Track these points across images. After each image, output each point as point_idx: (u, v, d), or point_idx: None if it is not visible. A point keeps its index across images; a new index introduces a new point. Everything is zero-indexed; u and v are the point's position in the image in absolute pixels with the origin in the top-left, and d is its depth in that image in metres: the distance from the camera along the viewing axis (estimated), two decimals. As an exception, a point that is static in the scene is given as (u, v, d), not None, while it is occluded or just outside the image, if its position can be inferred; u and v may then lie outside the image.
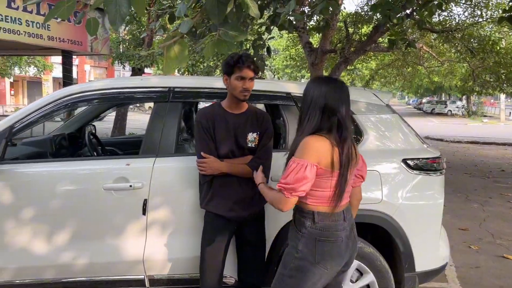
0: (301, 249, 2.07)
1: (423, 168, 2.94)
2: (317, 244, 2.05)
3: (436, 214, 2.97)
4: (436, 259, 3.00)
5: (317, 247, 2.05)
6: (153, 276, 2.85)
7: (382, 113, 3.10)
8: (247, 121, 2.66)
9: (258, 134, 2.65)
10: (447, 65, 16.96)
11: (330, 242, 2.06)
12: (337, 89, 2.12)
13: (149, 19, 12.29)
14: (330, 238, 2.06)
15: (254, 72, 2.56)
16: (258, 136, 2.65)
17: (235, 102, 2.64)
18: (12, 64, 22.86)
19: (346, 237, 2.11)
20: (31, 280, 2.83)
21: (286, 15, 4.80)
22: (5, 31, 9.23)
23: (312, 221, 2.06)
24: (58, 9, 2.41)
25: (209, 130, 2.61)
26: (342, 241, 2.08)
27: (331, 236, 2.06)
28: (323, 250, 2.05)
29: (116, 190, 2.78)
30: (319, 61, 9.46)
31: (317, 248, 2.04)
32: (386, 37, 9.32)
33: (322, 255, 2.05)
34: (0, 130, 2.83)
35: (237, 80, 2.55)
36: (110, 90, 3.05)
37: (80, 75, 36.30)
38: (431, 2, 5.94)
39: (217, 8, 2.82)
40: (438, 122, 30.99)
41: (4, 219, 2.77)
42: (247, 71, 2.54)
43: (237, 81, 2.55)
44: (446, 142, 17.14)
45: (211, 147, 2.60)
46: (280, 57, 23.77)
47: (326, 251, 2.05)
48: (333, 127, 2.05)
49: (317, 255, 2.04)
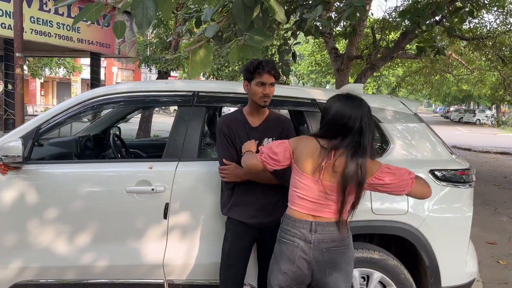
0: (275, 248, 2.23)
1: (451, 179, 2.85)
2: (277, 243, 2.20)
3: (464, 227, 2.86)
4: (463, 275, 2.89)
5: (276, 246, 2.20)
6: (172, 281, 2.83)
7: (409, 121, 3.02)
8: (266, 129, 2.63)
9: (273, 139, 2.58)
10: (477, 73, 16.60)
11: (285, 244, 2.13)
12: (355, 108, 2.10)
13: (176, 23, 12.43)
14: (283, 239, 2.15)
15: (275, 77, 2.53)
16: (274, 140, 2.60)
17: (256, 108, 2.61)
18: (43, 65, 23.43)
19: (309, 249, 2.07)
20: (53, 280, 2.85)
21: (313, 21, 4.76)
22: (37, 33, 9.49)
23: (282, 221, 2.20)
24: (86, 11, 2.45)
25: (230, 137, 2.59)
26: (298, 248, 2.08)
27: (285, 237, 2.14)
28: (280, 250, 2.15)
29: (138, 193, 2.78)
30: (345, 67, 9.38)
31: (276, 246, 2.20)
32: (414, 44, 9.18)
33: (280, 254, 2.15)
34: (28, 131, 2.88)
35: (257, 86, 2.52)
36: (135, 93, 3.07)
37: (107, 76, 36.99)
38: (462, 9, 5.81)
39: (244, 13, 2.81)
40: (466, 131, 30.30)
41: (28, 219, 2.80)
42: (267, 77, 2.50)
43: (257, 86, 2.52)
44: (474, 152, 16.72)
45: (233, 153, 2.58)
46: (305, 63, 23.68)
47: (280, 252, 2.14)
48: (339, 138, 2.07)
49: (276, 253, 2.19)
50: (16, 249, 2.82)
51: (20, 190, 2.79)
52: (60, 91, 37.24)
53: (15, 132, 2.90)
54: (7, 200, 2.78)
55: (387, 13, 11.80)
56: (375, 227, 2.82)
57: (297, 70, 20.68)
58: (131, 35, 11.94)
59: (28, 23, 9.08)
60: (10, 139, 2.79)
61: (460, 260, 2.89)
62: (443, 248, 2.80)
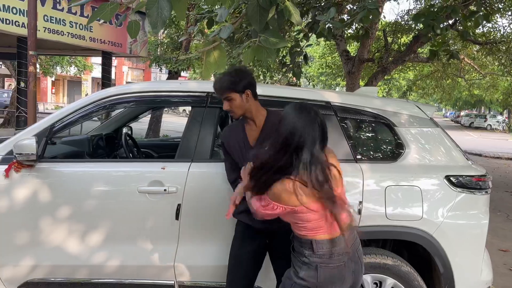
0: (302, 276, 2.03)
1: (467, 186, 2.80)
2: (319, 271, 2.01)
3: (479, 235, 2.82)
4: (478, 283, 2.85)
5: (318, 273, 2.01)
6: (183, 283, 2.82)
7: (425, 126, 2.99)
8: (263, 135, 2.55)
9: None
10: (489, 78, 16.46)
11: (332, 268, 2.02)
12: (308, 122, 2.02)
13: (188, 23, 12.45)
14: (331, 264, 2.02)
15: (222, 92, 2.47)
16: None
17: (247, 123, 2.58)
18: (54, 64, 23.60)
19: (349, 259, 2.06)
20: (63, 279, 2.85)
21: (325, 23, 4.73)
22: (50, 32, 9.55)
23: (311, 250, 2.02)
24: (101, 11, 2.45)
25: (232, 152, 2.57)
26: (345, 265, 2.04)
27: (332, 262, 2.02)
28: (325, 277, 2.01)
29: (151, 193, 2.77)
30: (356, 69, 9.33)
31: (319, 274, 2.01)
32: (426, 48, 9.12)
33: (324, 281, 2.01)
34: (41, 129, 2.89)
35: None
36: (148, 93, 3.06)
37: (118, 75, 37.21)
38: (476, 13, 5.76)
39: (259, 14, 2.80)
40: (476, 136, 30.02)
41: (40, 217, 2.81)
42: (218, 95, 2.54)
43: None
44: (485, 158, 16.55)
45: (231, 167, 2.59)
46: (316, 65, 23.61)
47: (328, 277, 2.02)
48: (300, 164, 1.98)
49: (318, 281, 2.01)
50: (27, 247, 2.82)
51: (32, 188, 2.79)
52: (71, 89, 37.53)
53: (29, 130, 2.92)
54: (19, 197, 2.79)
55: (400, 16, 11.73)
56: (389, 233, 2.79)
57: (307, 72, 20.62)
58: (142, 34, 11.97)
59: (42, 22, 9.13)
60: (24, 137, 2.80)
61: (475, 268, 2.84)
62: (458, 255, 2.75)
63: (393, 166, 2.86)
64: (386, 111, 2.97)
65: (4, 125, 17.57)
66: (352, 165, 2.79)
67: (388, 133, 2.97)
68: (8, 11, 8.67)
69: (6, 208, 2.79)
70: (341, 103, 2.97)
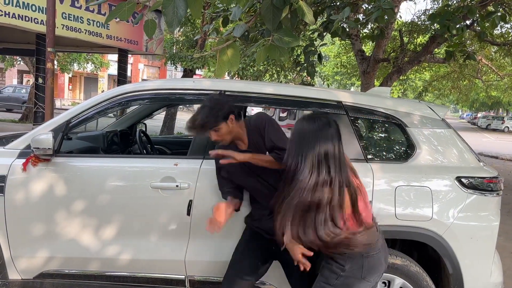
0: (348, 268, 2.10)
1: (478, 187, 2.79)
2: (364, 261, 2.10)
3: (490, 237, 2.81)
4: (487, 285, 2.83)
5: (364, 263, 2.10)
6: (193, 277, 2.87)
7: (437, 127, 2.98)
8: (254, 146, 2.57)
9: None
10: (507, 80, 16.20)
11: (374, 256, 2.12)
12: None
13: (203, 22, 12.52)
14: (373, 252, 2.11)
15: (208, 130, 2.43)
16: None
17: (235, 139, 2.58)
18: (71, 60, 23.90)
19: (381, 246, 2.18)
20: (77, 271, 2.92)
21: (340, 22, 4.74)
22: (67, 29, 9.70)
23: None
24: (119, 10, 2.50)
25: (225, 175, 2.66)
26: (380, 252, 2.15)
27: (373, 250, 2.11)
28: (369, 265, 2.11)
29: (163, 189, 2.82)
30: (371, 69, 9.29)
31: (364, 264, 2.10)
32: (443, 48, 9.04)
33: (369, 270, 2.11)
34: (58, 124, 2.96)
35: None
36: (163, 90, 3.11)
37: (133, 73, 37.53)
38: (494, 14, 5.69)
39: (272, 13, 2.82)
40: (493, 138, 29.56)
41: (55, 210, 2.87)
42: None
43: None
44: (502, 160, 16.30)
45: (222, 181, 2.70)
46: (331, 64, 23.53)
47: (372, 265, 2.11)
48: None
49: (364, 271, 2.10)
50: (43, 239, 2.90)
51: (49, 181, 2.86)
52: (87, 86, 37.99)
53: (46, 125, 2.99)
54: (36, 191, 2.86)
55: (416, 16, 11.64)
56: (398, 233, 2.79)
57: (322, 71, 20.55)
58: (158, 32, 12.08)
59: (60, 19, 9.28)
60: (41, 131, 2.87)
61: (485, 270, 2.83)
62: (467, 256, 2.75)
63: (404, 166, 2.86)
64: (398, 111, 2.98)
65: (22, 120, 17.89)
66: (363, 165, 2.80)
67: (400, 133, 2.97)
68: (27, 8, 8.83)
69: (23, 201, 2.87)
70: (353, 103, 2.98)
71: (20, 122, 17.60)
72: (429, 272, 2.84)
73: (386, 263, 2.21)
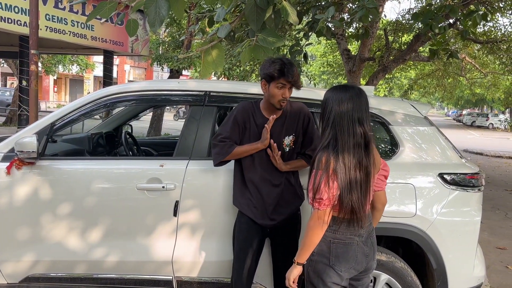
0: (317, 251, 2.10)
1: (460, 183, 2.85)
2: (332, 246, 2.09)
3: (472, 231, 2.86)
4: (470, 279, 2.89)
5: (331, 248, 2.09)
6: (181, 278, 2.87)
7: (420, 125, 3.03)
8: (283, 125, 2.62)
9: (293, 136, 2.62)
10: (491, 77, 16.45)
11: (344, 245, 2.08)
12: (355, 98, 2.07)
13: (189, 22, 12.50)
14: (344, 241, 2.09)
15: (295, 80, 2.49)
16: (294, 137, 2.63)
17: (272, 109, 2.60)
18: (56, 62, 23.66)
19: (362, 242, 2.12)
20: (64, 274, 2.91)
21: (325, 22, 4.77)
22: (51, 30, 9.60)
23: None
24: (100, 9, 2.50)
25: (240, 127, 2.60)
26: (357, 245, 2.10)
27: (344, 239, 2.09)
28: (337, 252, 2.08)
29: (149, 190, 2.82)
30: (357, 68, 9.36)
31: (332, 249, 2.09)
32: (427, 47, 9.14)
33: (337, 257, 2.08)
34: (42, 127, 2.94)
35: (277, 89, 2.48)
36: (148, 92, 3.11)
37: (120, 74, 37.26)
38: (475, 12, 5.78)
39: (256, 14, 2.84)
40: (478, 135, 29.98)
41: (41, 213, 2.86)
42: (289, 80, 2.47)
43: (277, 89, 2.48)
44: (486, 157, 16.55)
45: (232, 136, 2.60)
46: (317, 63, 23.64)
47: (340, 253, 2.08)
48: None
49: (331, 257, 2.08)
50: (29, 242, 2.88)
51: (34, 185, 2.84)
52: (73, 88, 37.62)
53: (30, 128, 2.97)
54: (21, 194, 2.84)
55: (401, 15, 11.75)
56: (383, 229, 2.82)
57: (309, 71, 20.64)
58: (144, 33, 12.02)
59: (43, 21, 9.18)
60: (25, 134, 2.85)
61: (468, 264, 2.88)
62: (451, 251, 2.80)
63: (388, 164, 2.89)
64: (381, 110, 3.02)
65: (6, 123, 17.68)
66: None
67: (383, 131, 3.01)
68: (10, 10, 8.72)
69: (7, 205, 2.84)
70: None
71: (4, 125, 17.38)
72: (414, 268, 2.88)
73: (367, 261, 2.15)
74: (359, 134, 2.01)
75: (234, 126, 2.59)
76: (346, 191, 1.98)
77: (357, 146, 2.01)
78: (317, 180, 1.98)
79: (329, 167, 1.97)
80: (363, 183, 2.02)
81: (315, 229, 2.03)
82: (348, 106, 2.02)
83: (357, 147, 2.01)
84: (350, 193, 1.99)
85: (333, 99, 2.06)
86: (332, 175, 1.97)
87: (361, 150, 2.01)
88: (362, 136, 2.02)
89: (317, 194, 1.98)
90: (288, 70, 2.44)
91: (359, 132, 2.01)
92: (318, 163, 2.00)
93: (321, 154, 2.01)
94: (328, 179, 1.96)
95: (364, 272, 2.18)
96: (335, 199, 2.00)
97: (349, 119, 2.00)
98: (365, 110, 2.06)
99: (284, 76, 2.44)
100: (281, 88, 2.48)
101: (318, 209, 2.00)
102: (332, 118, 2.03)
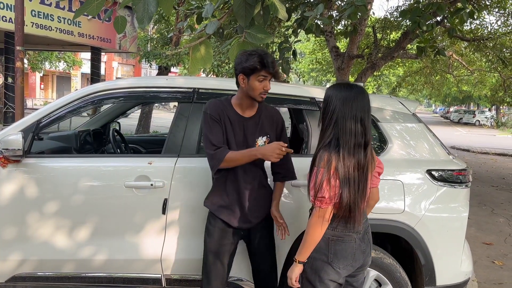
0: (314, 248, 2.10)
1: (448, 180, 2.87)
2: (330, 243, 2.10)
3: (459, 227, 2.88)
4: (458, 274, 2.92)
5: (330, 245, 2.10)
6: (170, 276, 2.86)
7: (408, 122, 3.04)
8: (258, 125, 2.53)
9: (268, 137, 2.54)
10: (477, 74, 16.60)
11: (343, 242, 2.09)
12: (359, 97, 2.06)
13: (177, 19, 12.42)
14: (342, 238, 2.10)
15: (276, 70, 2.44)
16: (268, 139, 2.54)
17: (249, 103, 2.50)
18: (43, 59, 23.40)
19: (359, 239, 2.14)
20: (51, 273, 2.87)
21: (314, 19, 4.77)
22: (37, 27, 9.48)
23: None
24: (87, 5, 2.46)
25: (220, 123, 2.45)
26: (355, 242, 2.11)
27: (343, 236, 2.09)
28: (336, 250, 2.09)
29: (137, 188, 2.80)
30: (345, 66, 9.39)
31: (330, 246, 2.10)
32: (415, 44, 9.19)
33: (336, 255, 2.09)
34: (28, 125, 2.90)
35: (258, 82, 2.39)
36: (136, 88, 3.08)
37: (107, 71, 36.98)
38: (462, 10, 5.82)
39: (244, 10, 2.83)
40: (465, 132, 30.32)
41: (27, 212, 2.82)
42: (269, 72, 2.41)
43: (258, 82, 2.39)
44: (473, 153, 16.75)
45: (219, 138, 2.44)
46: (306, 60, 23.68)
47: (339, 251, 2.09)
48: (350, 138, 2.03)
49: (330, 254, 2.09)
50: (15, 242, 2.84)
51: (19, 183, 2.80)
52: (60, 85, 37.24)
53: (16, 126, 2.92)
54: (6, 193, 2.80)
55: (389, 12, 11.81)
56: (371, 226, 2.83)
57: (298, 68, 20.68)
58: (132, 30, 11.94)
59: (29, 17, 9.06)
60: (11, 132, 2.80)
61: (455, 260, 2.91)
62: (438, 247, 2.82)
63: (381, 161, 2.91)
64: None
65: (-8, 121, 17.42)
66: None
67: (372, 128, 3.01)
68: (-5, 5, 8.59)
69: (-7, 203, 2.80)
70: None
71: (-10, 123, 17.13)
72: (402, 264, 2.90)
73: (364, 258, 2.16)
74: (360, 134, 2.01)
75: (215, 124, 2.45)
76: (345, 189, 1.99)
77: (357, 146, 2.01)
78: (319, 178, 1.98)
79: (331, 166, 1.97)
80: (361, 182, 2.03)
81: (316, 227, 2.04)
82: (352, 105, 2.01)
83: (357, 147, 2.01)
84: (348, 191, 1.99)
85: (337, 98, 2.04)
86: (334, 174, 1.97)
87: (360, 150, 2.02)
88: (362, 136, 2.02)
89: (319, 192, 1.98)
90: (268, 61, 2.37)
91: (360, 132, 2.01)
92: (320, 162, 2.00)
93: (322, 152, 2.01)
94: (330, 177, 1.97)
95: (360, 269, 2.19)
96: (337, 197, 2.00)
97: (352, 119, 2.00)
98: (367, 110, 2.06)
99: (265, 68, 2.37)
100: (262, 80, 2.39)
101: (320, 208, 2.00)
102: (335, 117, 2.02)
